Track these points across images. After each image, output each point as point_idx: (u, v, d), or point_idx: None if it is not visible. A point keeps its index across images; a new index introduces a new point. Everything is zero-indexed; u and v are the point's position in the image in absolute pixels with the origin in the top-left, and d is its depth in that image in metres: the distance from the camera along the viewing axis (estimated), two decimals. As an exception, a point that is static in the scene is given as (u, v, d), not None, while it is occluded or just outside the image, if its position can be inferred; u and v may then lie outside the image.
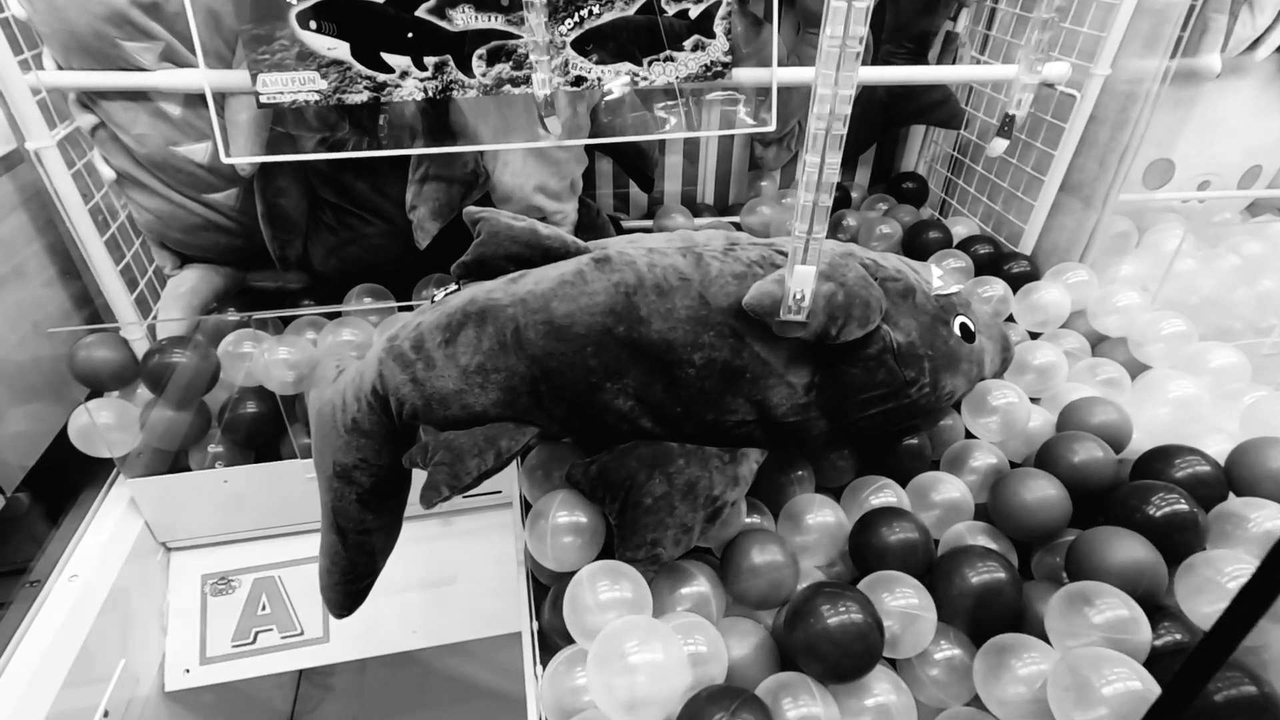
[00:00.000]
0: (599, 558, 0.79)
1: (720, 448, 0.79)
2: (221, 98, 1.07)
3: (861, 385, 0.79)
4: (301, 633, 1.27)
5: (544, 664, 0.77)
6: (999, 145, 1.29)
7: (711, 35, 1.08)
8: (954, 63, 1.57)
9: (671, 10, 1.05)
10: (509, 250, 0.80)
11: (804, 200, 0.66)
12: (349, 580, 0.89)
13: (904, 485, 0.92)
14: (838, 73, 0.60)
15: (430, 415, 0.75)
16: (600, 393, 0.75)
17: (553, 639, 0.80)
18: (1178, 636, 0.72)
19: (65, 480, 1.28)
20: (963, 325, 0.87)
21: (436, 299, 0.80)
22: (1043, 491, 0.83)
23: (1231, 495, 0.84)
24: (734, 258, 0.79)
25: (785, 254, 0.82)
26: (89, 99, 1.07)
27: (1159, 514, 0.78)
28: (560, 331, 0.74)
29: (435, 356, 0.75)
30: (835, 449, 0.93)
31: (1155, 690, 0.63)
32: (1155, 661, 0.68)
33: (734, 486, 0.78)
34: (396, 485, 0.85)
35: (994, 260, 1.38)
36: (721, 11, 1.06)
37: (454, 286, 0.82)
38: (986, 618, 0.74)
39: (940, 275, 0.89)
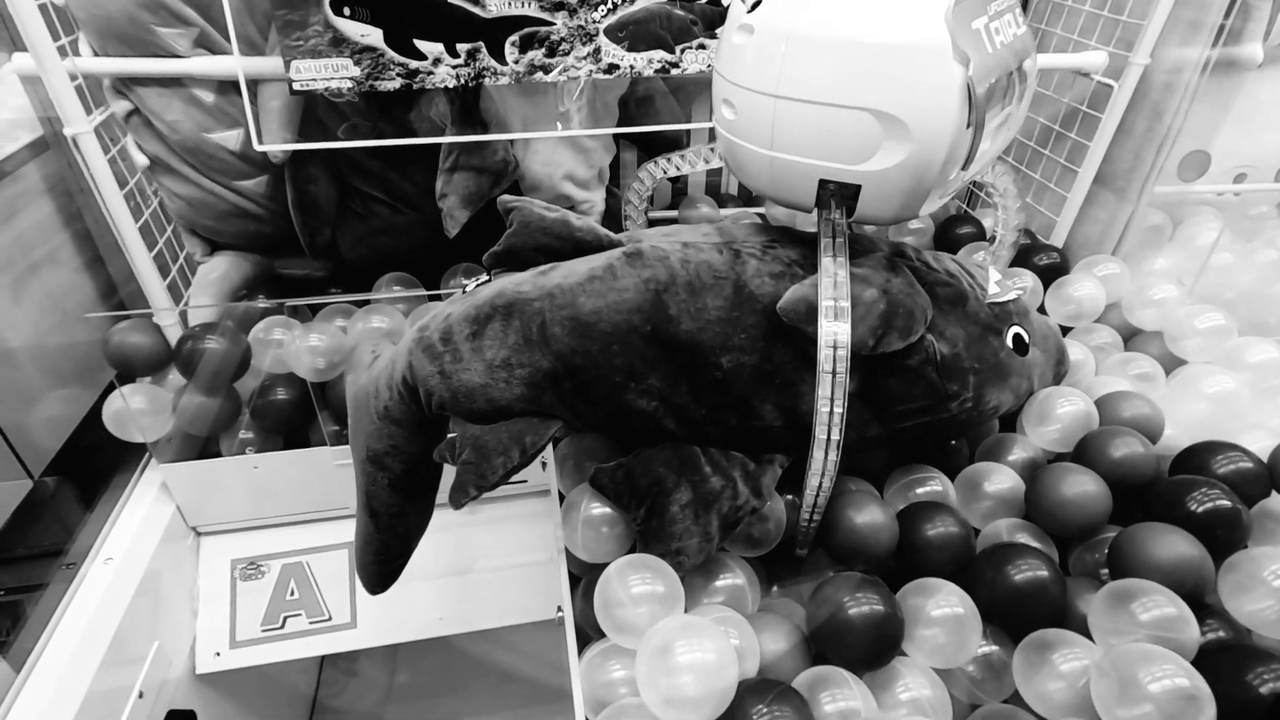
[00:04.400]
0: (631, 549, 0.79)
1: (745, 453, 0.77)
2: (254, 84, 1.07)
3: (899, 396, 0.76)
4: (329, 618, 1.28)
5: (578, 653, 0.77)
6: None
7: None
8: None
9: (705, -3, 1.04)
10: (540, 241, 0.78)
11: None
12: (382, 560, 0.90)
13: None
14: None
15: (457, 407, 0.75)
16: (624, 392, 0.73)
17: (585, 629, 0.80)
18: (1222, 634, 0.72)
19: (95, 464, 1.30)
20: (1016, 336, 0.83)
21: (468, 289, 0.80)
22: (1083, 487, 0.82)
23: (1274, 493, 0.83)
24: (773, 256, 0.76)
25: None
26: (124, 85, 1.07)
27: (1202, 509, 0.77)
28: (586, 328, 0.72)
29: (462, 349, 0.74)
30: (865, 453, 0.90)
31: (1203, 689, 0.62)
32: (1200, 660, 0.67)
33: (757, 496, 0.77)
34: (428, 471, 0.86)
35: (1028, 252, 1.36)
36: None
37: (485, 277, 0.80)
38: (1029, 617, 0.73)
39: (998, 280, 0.85)
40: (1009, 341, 0.82)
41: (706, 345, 0.72)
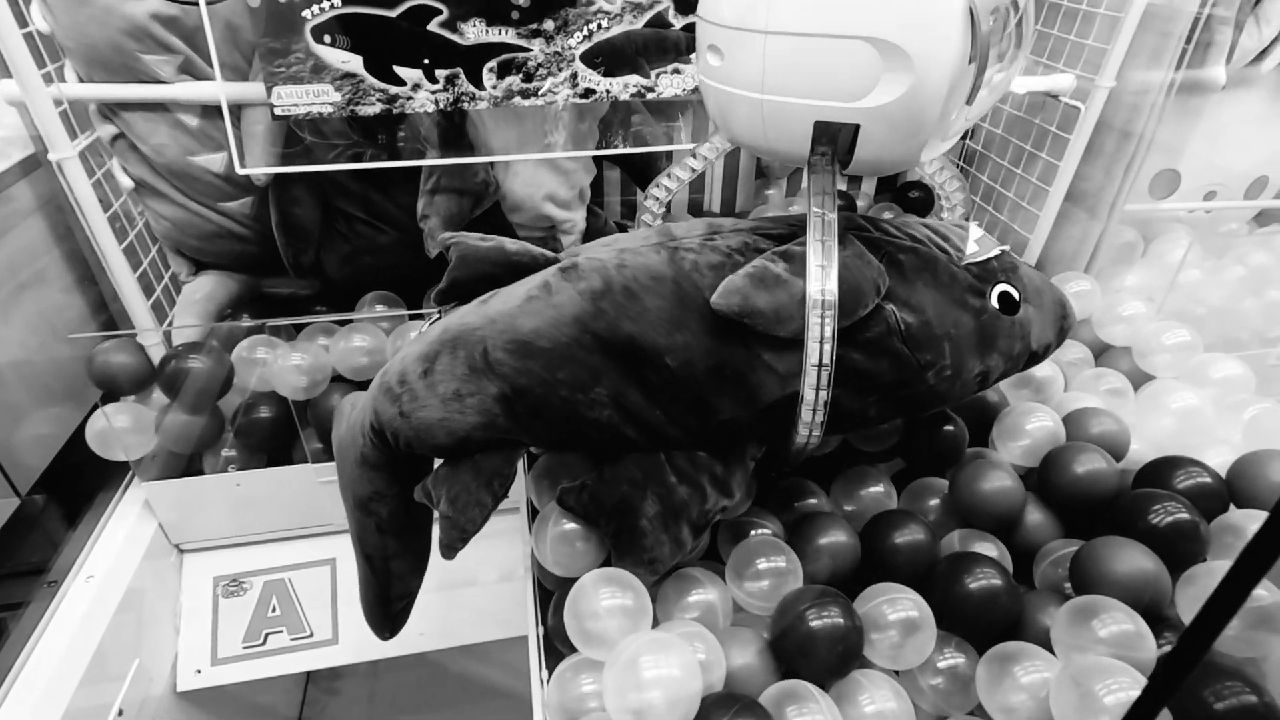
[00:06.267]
0: (604, 563, 0.81)
1: (711, 454, 0.77)
2: (238, 109, 1.09)
3: (863, 372, 0.73)
4: (311, 635, 1.28)
5: (550, 668, 0.79)
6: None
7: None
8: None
9: (679, 23, 1.06)
10: (480, 271, 0.78)
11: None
12: (384, 602, 0.90)
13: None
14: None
15: (421, 444, 0.76)
16: (576, 406, 0.73)
17: (558, 643, 0.81)
18: (1179, 647, 0.73)
19: (80, 482, 1.30)
20: (1002, 295, 0.79)
21: (423, 330, 0.81)
22: (1000, 481, 0.85)
23: (1232, 507, 0.85)
24: (712, 247, 0.75)
25: (771, 237, 0.77)
26: (109, 110, 1.09)
27: (1161, 523, 0.78)
28: (527, 348, 0.72)
29: (417, 388, 0.74)
30: (837, 433, 0.88)
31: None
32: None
33: (728, 497, 0.78)
34: (415, 512, 0.86)
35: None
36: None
37: (436, 315, 0.81)
38: (984, 623, 0.75)
39: (978, 238, 0.81)
40: (994, 301, 0.78)
41: (649, 346, 0.71)
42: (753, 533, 0.86)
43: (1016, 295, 0.80)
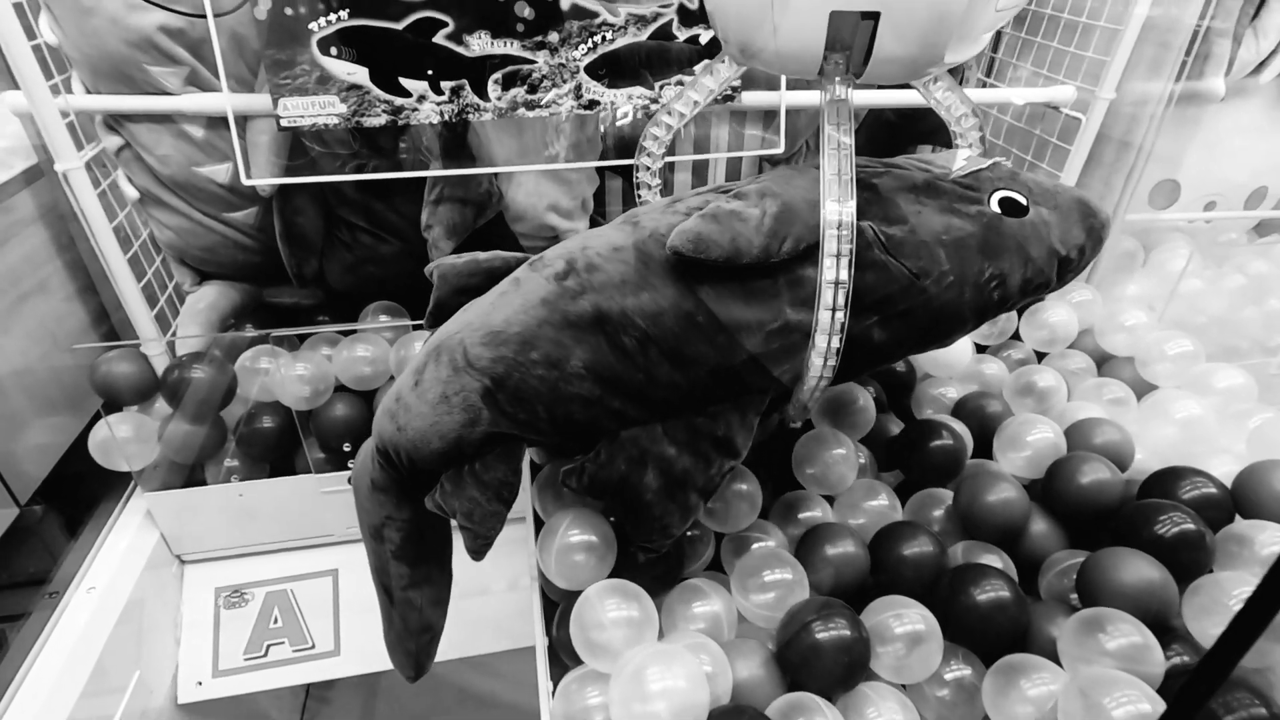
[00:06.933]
0: (610, 574, 0.80)
1: (711, 417, 0.75)
2: (243, 120, 1.10)
3: (857, 291, 0.70)
4: (313, 646, 1.28)
5: (555, 680, 0.78)
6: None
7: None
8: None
9: (683, 36, 1.07)
10: (458, 285, 0.81)
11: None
12: (404, 639, 0.90)
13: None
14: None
15: (419, 454, 0.76)
16: (555, 385, 0.73)
17: (563, 655, 0.81)
18: (1186, 658, 0.73)
19: (80, 492, 1.30)
20: (1004, 200, 0.75)
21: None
22: (1005, 493, 0.85)
23: (1238, 517, 0.85)
24: (673, 210, 0.76)
25: (730, 192, 0.76)
26: (115, 121, 1.10)
27: (1167, 534, 0.78)
28: (498, 337, 0.73)
29: (409, 400, 0.76)
30: (851, 376, 0.84)
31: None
32: (1165, 684, 0.68)
33: (732, 458, 0.77)
34: (427, 536, 0.86)
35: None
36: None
37: (427, 337, 0.83)
38: (991, 634, 0.75)
39: (968, 156, 0.78)
40: (993, 206, 0.75)
41: (617, 310, 0.71)
42: (757, 545, 0.86)
43: (1021, 199, 0.76)
